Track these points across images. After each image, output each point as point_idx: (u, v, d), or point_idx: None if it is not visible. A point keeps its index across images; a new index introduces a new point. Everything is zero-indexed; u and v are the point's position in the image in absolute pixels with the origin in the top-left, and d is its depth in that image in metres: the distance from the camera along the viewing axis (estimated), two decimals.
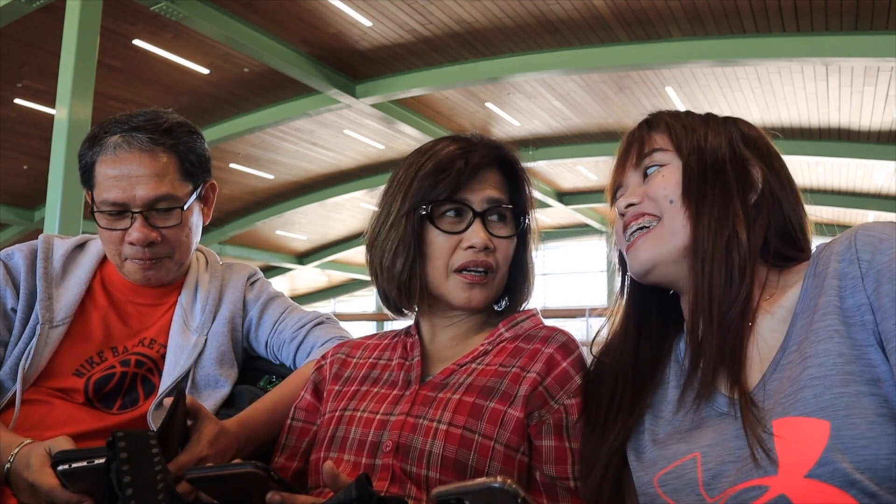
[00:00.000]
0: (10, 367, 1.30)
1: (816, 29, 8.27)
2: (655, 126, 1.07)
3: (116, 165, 1.32)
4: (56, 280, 1.39)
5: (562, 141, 13.34)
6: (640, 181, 1.04)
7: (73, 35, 6.28)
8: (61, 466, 0.94)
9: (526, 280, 1.20)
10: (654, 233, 0.99)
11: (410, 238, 1.12)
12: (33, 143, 10.91)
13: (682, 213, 0.97)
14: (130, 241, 1.33)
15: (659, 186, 1.00)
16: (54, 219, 5.89)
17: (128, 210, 1.32)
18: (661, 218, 0.99)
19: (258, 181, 14.72)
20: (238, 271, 1.57)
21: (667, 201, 0.99)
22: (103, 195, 1.33)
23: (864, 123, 11.20)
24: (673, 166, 1.01)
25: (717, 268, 0.93)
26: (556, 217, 18.46)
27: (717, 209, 0.96)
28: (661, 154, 1.03)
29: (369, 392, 1.13)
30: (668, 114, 1.09)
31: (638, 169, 1.05)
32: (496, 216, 1.14)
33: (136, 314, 1.43)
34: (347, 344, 1.27)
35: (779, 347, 0.89)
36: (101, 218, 1.35)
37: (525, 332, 1.14)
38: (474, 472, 0.98)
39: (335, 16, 8.53)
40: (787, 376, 0.85)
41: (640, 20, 8.49)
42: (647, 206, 1.01)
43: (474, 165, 1.12)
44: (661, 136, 1.05)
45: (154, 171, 1.33)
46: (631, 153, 1.07)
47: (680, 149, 1.02)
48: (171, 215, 1.36)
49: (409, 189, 1.13)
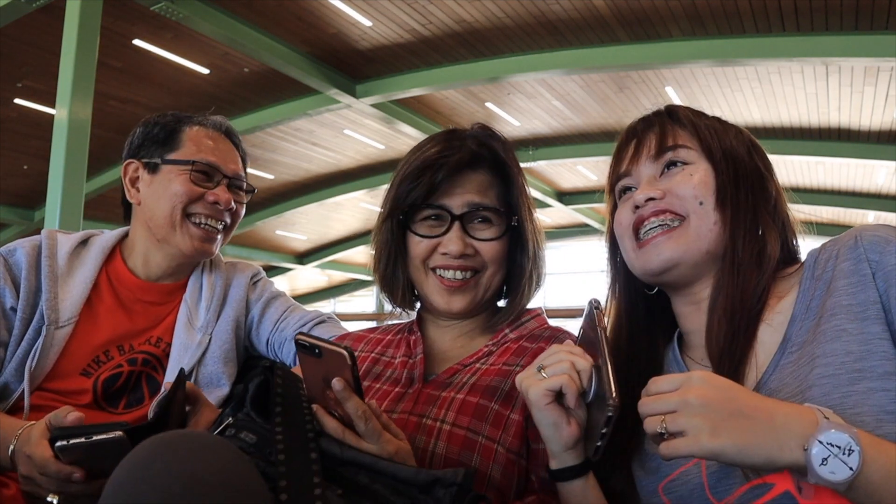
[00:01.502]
0: (16, 367, 1.29)
1: (816, 29, 8.26)
2: (677, 120, 1.04)
3: (211, 137, 1.49)
4: (61, 278, 1.38)
5: (562, 141, 13.33)
6: (657, 175, 1.01)
7: (73, 35, 6.27)
8: (59, 442, 0.94)
9: (520, 281, 1.16)
10: (678, 232, 0.96)
11: (391, 241, 1.14)
12: (33, 143, 10.90)
13: (713, 217, 0.95)
14: (215, 199, 1.43)
15: (687, 185, 0.97)
16: (54, 219, 5.88)
17: (220, 173, 1.46)
18: (685, 218, 0.97)
19: (258, 181, 14.71)
20: (242, 270, 1.57)
21: (696, 202, 0.96)
22: (198, 155, 1.44)
23: (864, 123, 11.19)
24: (701, 167, 0.99)
25: (749, 276, 0.93)
26: (556, 217, 18.44)
27: (749, 219, 0.95)
28: (686, 152, 1.00)
29: (371, 388, 1.13)
30: (687, 110, 1.06)
31: (657, 161, 1.01)
32: (479, 219, 1.12)
33: (143, 312, 1.43)
34: (349, 337, 1.27)
35: (776, 349, 0.90)
36: (183, 173, 1.42)
37: (529, 332, 1.14)
38: (477, 475, 0.98)
39: (335, 16, 8.53)
40: (792, 375, 0.85)
41: (640, 20, 8.48)
42: (673, 204, 0.98)
43: (453, 168, 1.09)
44: (685, 133, 1.02)
45: (235, 156, 1.52)
46: (648, 143, 1.03)
47: (709, 151, 0.99)
48: (241, 194, 1.52)
49: (391, 192, 1.14)
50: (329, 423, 0.88)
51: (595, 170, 15.37)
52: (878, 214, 15.27)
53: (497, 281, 1.14)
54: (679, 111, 1.05)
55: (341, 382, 0.86)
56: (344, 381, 0.86)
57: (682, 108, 1.06)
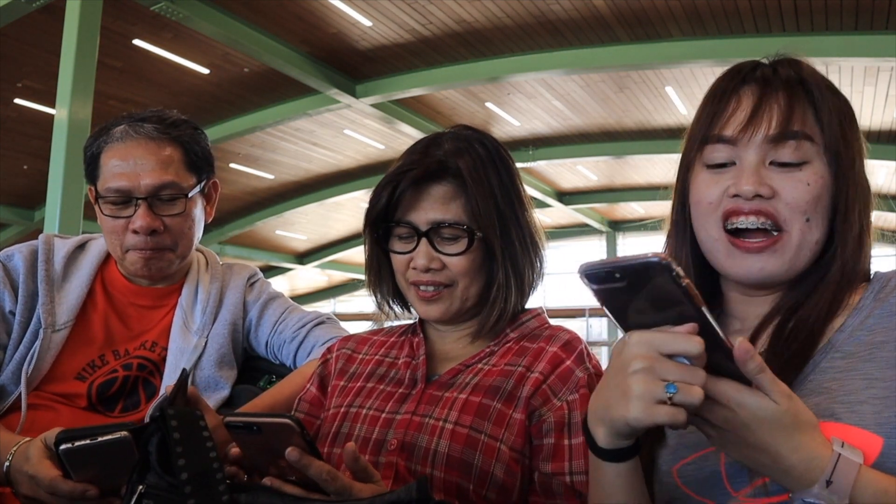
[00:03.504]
0: (13, 371, 1.30)
1: (816, 29, 8.27)
2: (810, 94, 0.87)
3: (122, 153, 1.33)
4: (57, 282, 1.38)
5: (562, 141, 13.33)
6: (764, 162, 0.87)
7: (73, 35, 6.27)
8: (64, 445, 0.93)
9: (490, 294, 1.11)
10: (781, 245, 0.87)
11: (374, 254, 1.18)
12: (33, 143, 10.90)
13: (816, 236, 0.87)
14: (134, 228, 1.33)
15: (800, 195, 0.86)
16: (54, 219, 5.88)
17: (132, 197, 1.33)
18: (787, 231, 0.87)
19: (258, 181, 14.70)
20: (238, 272, 1.56)
21: (803, 218, 0.86)
22: (108, 183, 1.33)
23: (864, 123, 11.19)
24: (818, 171, 0.87)
25: (840, 292, 0.87)
26: (556, 217, 18.43)
27: (855, 236, 0.88)
28: (810, 146, 0.86)
29: (375, 389, 1.13)
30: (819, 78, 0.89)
31: (773, 146, 0.86)
32: (444, 234, 1.09)
33: (137, 316, 1.43)
34: (353, 339, 1.27)
35: (819, 349, 0.86)
36: (106, 206, 1.35)
37: (530, 332, 1.14)
38: (479, 473, 0.98)
39: (335, 16, 8.53)
40: (838, 384, 0.82)
41: (640, 20, 8.48)
42: (779, 211, 0.86)
43: (412, 182, 1.07)
44: (808, 115, 0.87)
45: (159, 160, 1.34)
46: (769, 114, 0.86)
47: (829, 148, 0.87)
48: (175, 204, 1.36)
49: (369, 204, 1.13)
50: (290, 490, 0.87)
51: (595, 170, 15.37)
52: (878, 214, 15.27)
53: (474, 290, 1.12)
54: (811, 81, 0.89)
55: (296, 452, 0.83)
56: (298, 450, 0.83)
57: (811, 72, 0.90)
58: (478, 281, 1.12)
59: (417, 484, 0.80)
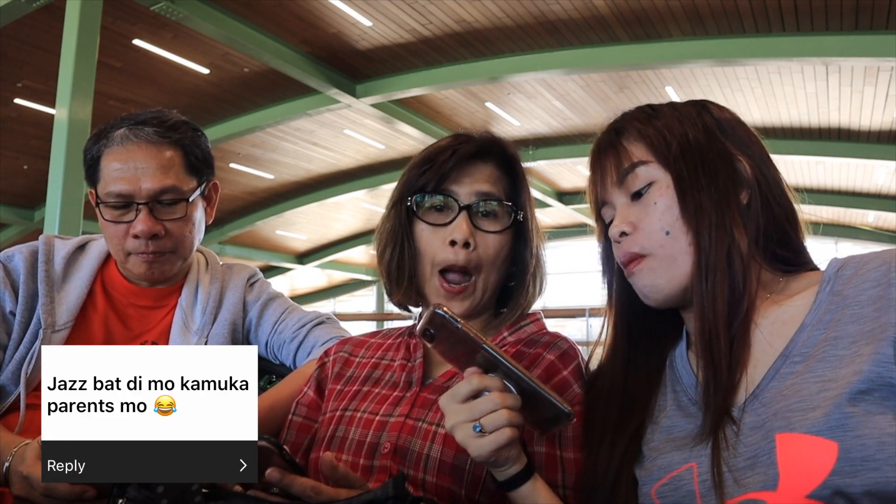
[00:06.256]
0: (13, 371, 1.30)
1: (816, 29, 8.26)
2: (626, 134, 0.98)
3: (123, 157, 1.33)
4: (57, 283, 1.38)
5: (562, 141, 13.33)
6: (628, 201, 0.96)
7: (73, 35, 6.26)
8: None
9: (524, 281, 1.14)
10: (652, 263, 0.93)
11: (399, 229, 1.13)
12: (33, 143, 10.90)
13: (683, 238, 0.91)
14: (135, 233, 1.34)
15: (652, 218, 0.93)
16: (54, 219, 5.88)
17: (133, 202, 1.33)
18: (653, 254, 0.93)
19: (258, 181, 14.70)
20: (238, 272, 1.56)
21: (662, 234, 0.92)
22: (109, 188, 1.33)
23: (864, 123, 11.19)
24: (663, 184, 0.93)
25: (720, 280, 0.89)
26: (556, 217, 18.43)
27: (714, 216, 0.90)
28: (645, 169, 0.95)
29: (370, 393, 1.12)
30: (635, 117, 1.00)
31: (622, 188, 0.97)
32: (485, 211, 1.11)
33: (137, 316, 1.43)
34: (350, 342, 1.26)
35: (779, 354, 0.86)
36: (106, 211, 1.35)
37: (528, 337, 1.13)
38: (471, 478, 0.97)
39: (335, 16, 8.52)
40: (793, 389, 0.82)
41: (640, 20, 8.48)
42: (642, 241, 0.93)
43: (462, 156, 1.10)
44: (638, 147, 0.96)
45: (160, 164, 1.34)
46: (608, 169, 0.98)
47: (664, 158, 0.94)
48: (176, 208, 1.37)
49: (401, 181, 1.15)
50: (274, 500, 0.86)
51: None
52: (878, 214, 15.27)
53: (493, 281, 1.13)
54: (626, 123, 1.00)
55: (277, 472, 0.83)
56: (279, 470, 0.84)
57: (630, 115, 1.01)
58: (499, 271, 1.13)
59: (393, 481, 0.80)
